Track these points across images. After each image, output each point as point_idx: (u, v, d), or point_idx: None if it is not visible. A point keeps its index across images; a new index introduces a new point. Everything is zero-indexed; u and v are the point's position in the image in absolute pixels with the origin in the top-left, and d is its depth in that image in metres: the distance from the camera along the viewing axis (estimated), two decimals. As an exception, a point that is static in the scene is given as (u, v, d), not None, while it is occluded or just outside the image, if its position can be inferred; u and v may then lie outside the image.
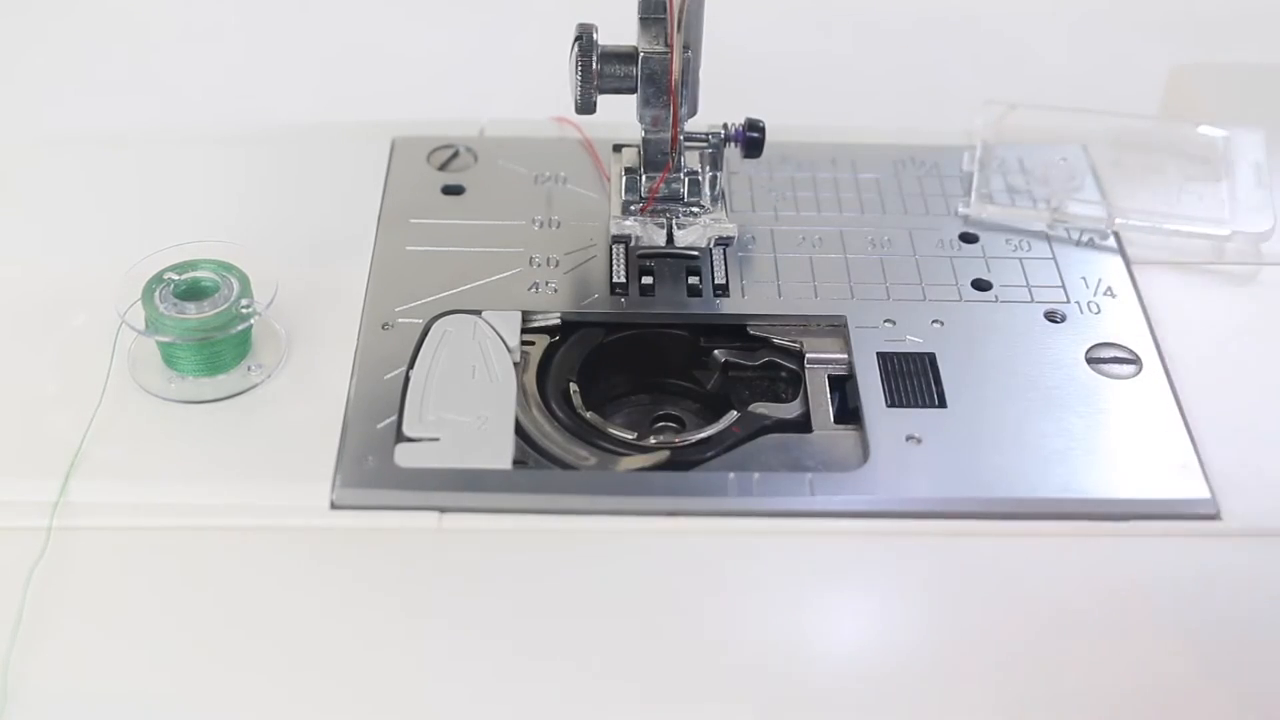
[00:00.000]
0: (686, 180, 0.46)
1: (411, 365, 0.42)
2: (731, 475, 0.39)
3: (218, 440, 0.40)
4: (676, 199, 0.46)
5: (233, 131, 0.51)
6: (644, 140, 0.45)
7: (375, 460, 0.39)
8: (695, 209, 0.46)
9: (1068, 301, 0.45)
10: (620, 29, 0.43)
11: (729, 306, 0.45)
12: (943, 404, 0.41)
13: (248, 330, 0.42)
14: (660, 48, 0.43)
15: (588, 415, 0.42)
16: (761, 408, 0.42)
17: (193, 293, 0.42)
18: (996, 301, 0.45)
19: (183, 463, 0.39)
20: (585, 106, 0.44)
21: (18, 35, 0.56)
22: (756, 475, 0.39)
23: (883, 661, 0.35)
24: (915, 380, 0.42)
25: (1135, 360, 0.43)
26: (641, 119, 0.44)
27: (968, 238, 0.48)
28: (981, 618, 0.36)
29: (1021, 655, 0.35)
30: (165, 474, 0.39)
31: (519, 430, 0.41)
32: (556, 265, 0.46)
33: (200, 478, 0.39)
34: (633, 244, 0.46)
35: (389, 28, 0.57)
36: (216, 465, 0.39)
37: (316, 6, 0.58)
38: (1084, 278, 0.46)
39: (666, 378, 0.46)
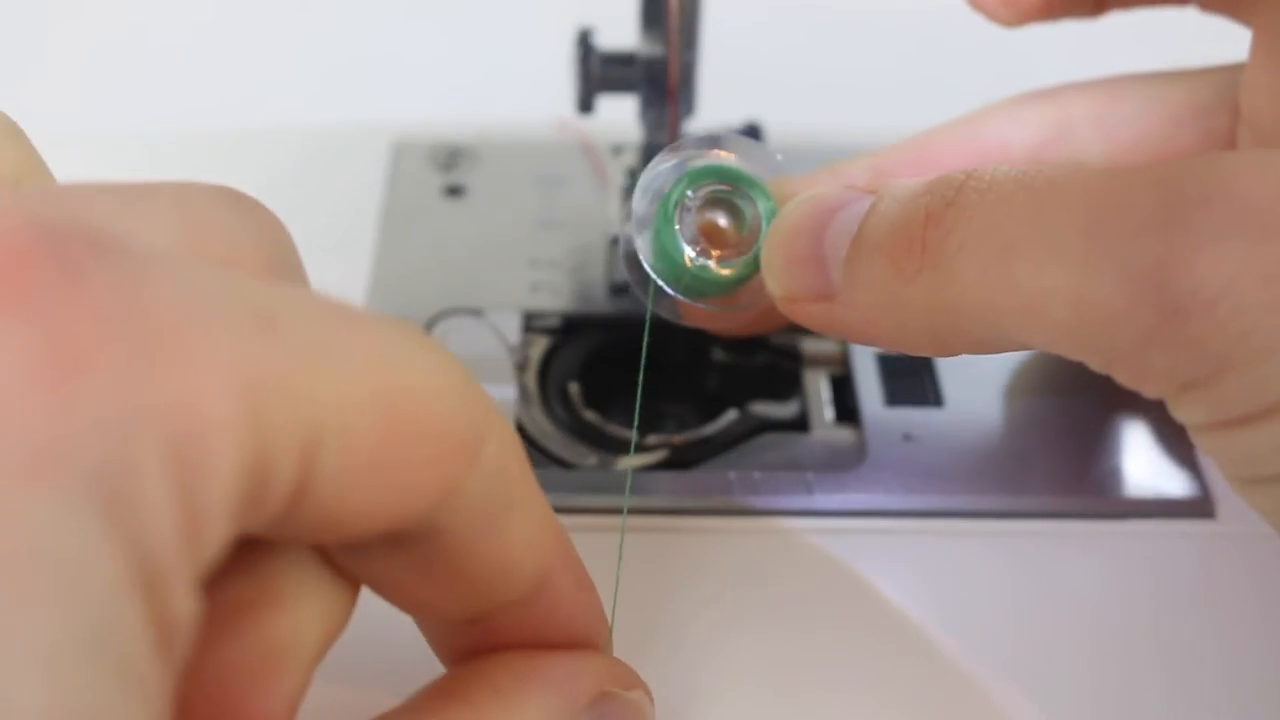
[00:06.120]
0: (686, 180, 0.46)
1: (412, 365, 0.42)
2: (732, 474, 0.40)
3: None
4: (676, 199, 0.46)
5: (231, 132, 0.51)
6: (644, 141, 0.45)
7: (376, 460, 0.39)
8: (694, 209, 0.46)
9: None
10: (620, 29, 0.43)
11: (728, 306, 0.45)
12: (940, 403, 0.41)
13: None
14: (660, 48, 0.43)
15: (587, 415, 0.42)
16: (760, 407, 0.42)
17: None
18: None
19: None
20: (585, 107, 0.44)
21: (14, 35, 0.56)
22: (757, 474, 0.39)
23: (882, 661, 0.35)
24: (914, 379, 0.42)
25: (1133, 359, 0.43)
26: (641, 120, 0.44)
27: (967, 237, 0.48)
28: (980, 616, 0.36)
29: (1020, 654, 0.35)
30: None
31: (519, 430, 0.41)
32: (557, 265, 0.46)
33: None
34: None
35: (389, 28, 0.57)
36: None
37: (317, 7, 0.58)
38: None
39: (666, 377, 0.46)
